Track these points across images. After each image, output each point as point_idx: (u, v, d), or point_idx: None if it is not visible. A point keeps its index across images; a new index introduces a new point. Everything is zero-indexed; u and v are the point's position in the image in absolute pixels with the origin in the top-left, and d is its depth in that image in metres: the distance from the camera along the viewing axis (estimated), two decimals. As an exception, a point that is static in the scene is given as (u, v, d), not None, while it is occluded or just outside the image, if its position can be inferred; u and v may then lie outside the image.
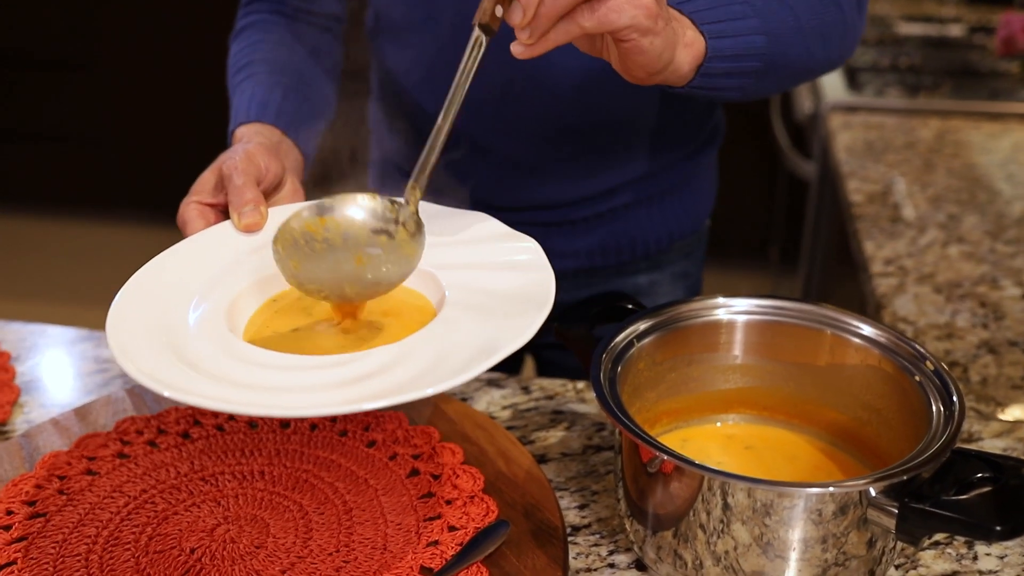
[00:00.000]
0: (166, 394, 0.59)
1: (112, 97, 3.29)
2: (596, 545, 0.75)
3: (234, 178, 0.80)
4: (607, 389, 0.70)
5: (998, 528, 0.58)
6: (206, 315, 0.70)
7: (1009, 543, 0.74)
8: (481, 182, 1.04)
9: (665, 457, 0.65)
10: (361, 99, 1.20)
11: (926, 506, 0.60)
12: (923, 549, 0.74)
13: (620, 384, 0.72)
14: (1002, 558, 0.73)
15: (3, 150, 3.46)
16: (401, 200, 0.73)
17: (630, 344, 0.76)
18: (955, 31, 2.22)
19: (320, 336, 0.72)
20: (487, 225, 0.78)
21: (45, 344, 1.03)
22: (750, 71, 0.84)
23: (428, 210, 0.79)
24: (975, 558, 0.73)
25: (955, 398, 0.68)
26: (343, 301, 0.72)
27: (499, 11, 0.68)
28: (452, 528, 0.73)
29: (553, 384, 0.95)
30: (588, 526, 0.77)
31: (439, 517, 0.74)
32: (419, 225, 0.72)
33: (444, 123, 0.71)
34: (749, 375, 0.80)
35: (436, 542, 0.72)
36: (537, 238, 1.06)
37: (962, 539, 0.74)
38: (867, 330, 0.76)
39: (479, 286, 0.71)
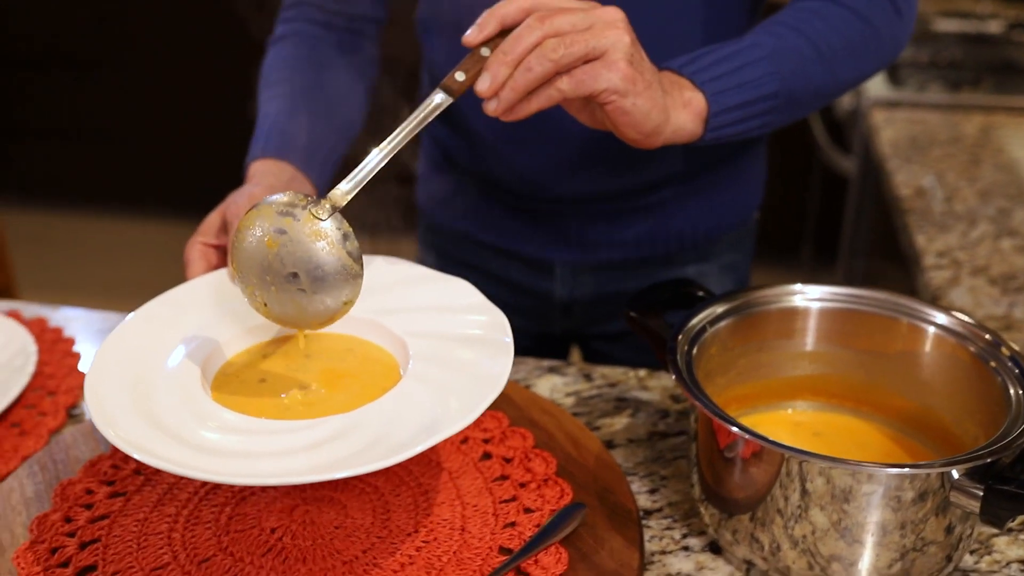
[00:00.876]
0: (136, 456, 0.62)
1: (133, 94, 3.32)
2: (669, 528, 0.75)
3: (235, 225, 0.83)
4: (685, 371, 0.71)
5: (1088, 509, 0.58)
6: (179, 370, 0.73)
7: (1082, 530, 0.74)
8: (524, 174, 1.05)
9: (746, 436, 0.65)
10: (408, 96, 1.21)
11: (1012, 487, 0.61)
12: (997, 535, 0.74)
13: (694, 368, 0.73)
14: (1076, 544, 0.73)
15: (25, 147, 3.49)
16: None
17: (703, 329, 0.76)
18: (993, 27, 2.22)
19: (280, 391, 0.73)
20: (464, 294, 0.79)
21: (108, 330, 1.05)
22: (768, 110, 0.85)
23: (411, 273, 0.82)
24: (1048, 544, 0.73)
25: (1035, 382, 0.68)
26: (278, 310, 0.73)
27: (459, 77, 0.72)
28: (528, 510, 0.74)
29: (614, 372, 0.96)
30: (659, 510, 0.77)
31: (514, 499, 0.75)
32: (331, 214, 0.71)
33: (377, 160, 0.72)
34: (819, 362, 0.81)
35: (513, 523, 0.73)
36: (582, 227, 1.10)
37: (1035, 525, 0.75)
38: (942, 318, 0.76)
39: (441, 358, 0.72)
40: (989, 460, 0.62)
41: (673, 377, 0.71)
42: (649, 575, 0.71)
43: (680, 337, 0.74)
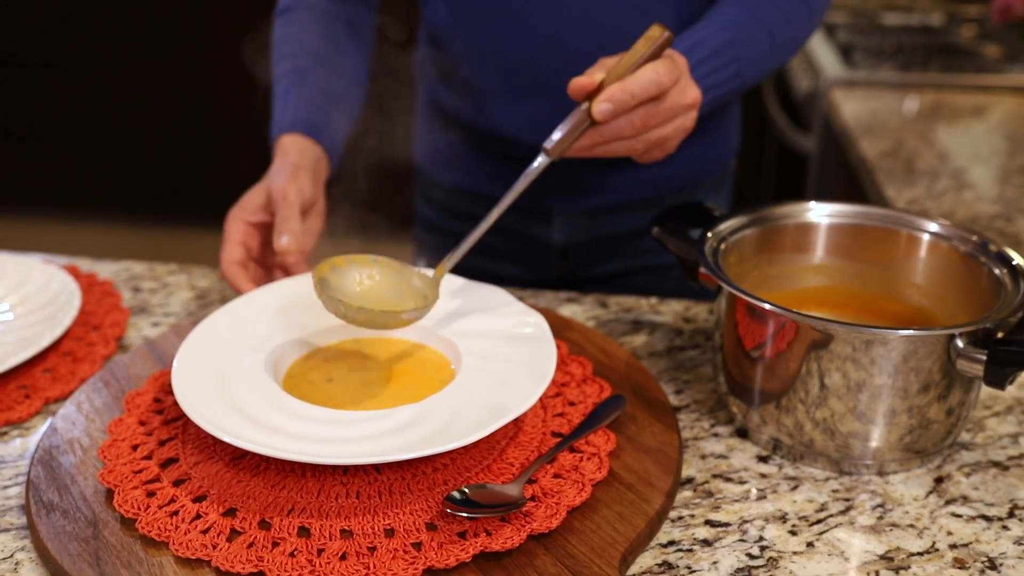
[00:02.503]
0: (224, 438, 0.70)
1: (102, 97, 3.33)
2: (698, 420, 0.83)
3: (282, 207, 0.93)
4: (713, 263, 0.79)
5: (1080, 360, 0.67)
6: (256, 365, 0.81)
7: (1062, 411, 0.83)
8: (525, 126, 1.12)
9: (774, 309, 0.73)
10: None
11: (1014, 347, 0.69)
12: (989, 417, 0.83)
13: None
14: (1058, 422, 0.82)
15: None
16: (430, 273, 0.85)
17: (724, 239, 0.84)
18: (935, 20, 2.35)
19: (351, 389, 0.81)
20: (501, 299, 0.89)
21: (141, 275, 1.09)
22: (728, 97, 1.00)
23: (452, 284, 0.91)
24: (1034, 423, 0.82)
25: (1022, 265, 0.77)
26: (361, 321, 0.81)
27: (556, 136, 0.83)
28: (572, 403, 0.81)
29: (627, 300, 1.03)
30: (687, 406, 0.85)
31: (559, 395, 0.82)
32: (436, 295, 0.84)
33: (487, 221, 0.85)
34: (824, 274, 0.89)
35: (561, 413, 0.79)
36: (579, 174, 1.19)
37: (1022, 408, 0.84)
38: (934, 226, 0.85)
39: (491, 355, 0.81)
40: (990, 325, 0.71)
41: (703, 270, 0.79)
42: (686, 455, 0.78)
43: (706, 243, 0.82)
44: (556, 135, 0.83)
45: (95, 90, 3.33)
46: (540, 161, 0.84)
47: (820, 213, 0.88)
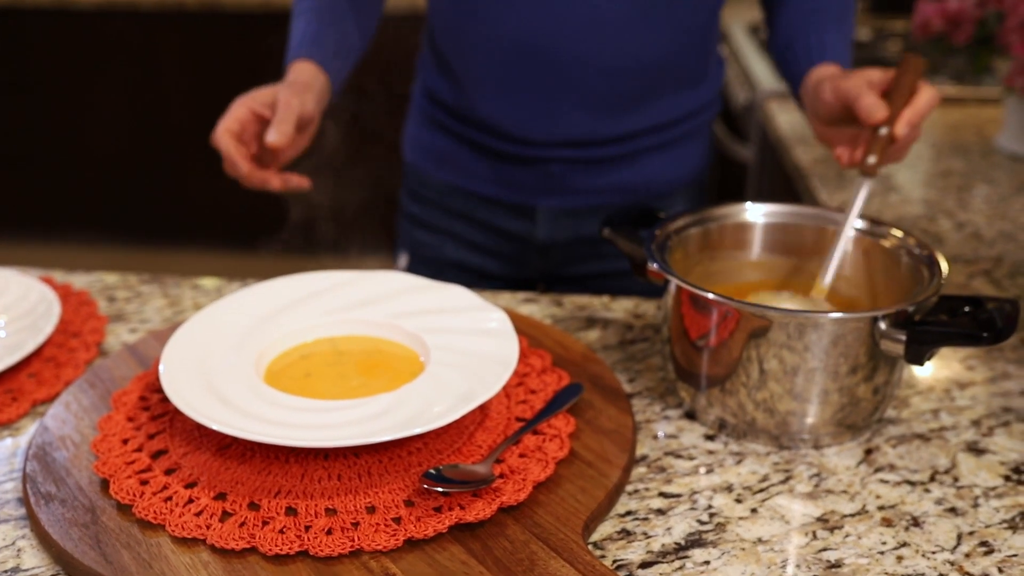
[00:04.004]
0: (213, 427, 0.75)
1: (64, 119, 3.34)
2: (650, 405, 0.90)
3: (281, 109, 1.01)
4: (660, 259, 0.86)
5: (985, 335, 0.75)
6: (239, 362, 0.86)
7: (974, 390, 0.91)
8: (516, 117, 1.19)
9: (714, 298, 0.80)
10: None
11: (930, 327, 0.77)
12: (913, 395, 0.91)
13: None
14: (973, 397, 0.90)
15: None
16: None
17: (669, 237, 0.91)
18: (864, 35, 2.47)
19: (328, 382, 0.87)
20: (465, 298, 0.95)
21: (114, 286, 1.14)
22: None
23: (415, 283, 0.98)
24: (952, 399, 0.90)
25: (938, 258, 0.85)
26: None
27: (872, 160, 0.93)
28: (533, 391, 0.87)
29: (581, 299, 1.10)
30: (639, 393, 0.92)
31: (521, 384, 0.88)
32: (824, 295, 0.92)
33: (843, 244, 0.91)
34: (760, 270, 0.97)
35: (524, 401, 0.86)
36: (564, 175, 1.26)
37: (941, 387, 0.92)
38: (860, 223, 0.93)
39: (459, 348, 0.88)
40: (911, 308, 0.79)
41: (651, 267, 0.85)
42: (639, 435, 0.85)
43: (654, 240, 0.89)
44: (871, 159, 0.93)
45: (60, 112, 3.33)
46: (866, 184, 0.93)
47: (756, 213, 0.95)
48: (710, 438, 0.85)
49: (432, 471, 0.73)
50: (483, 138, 1.23)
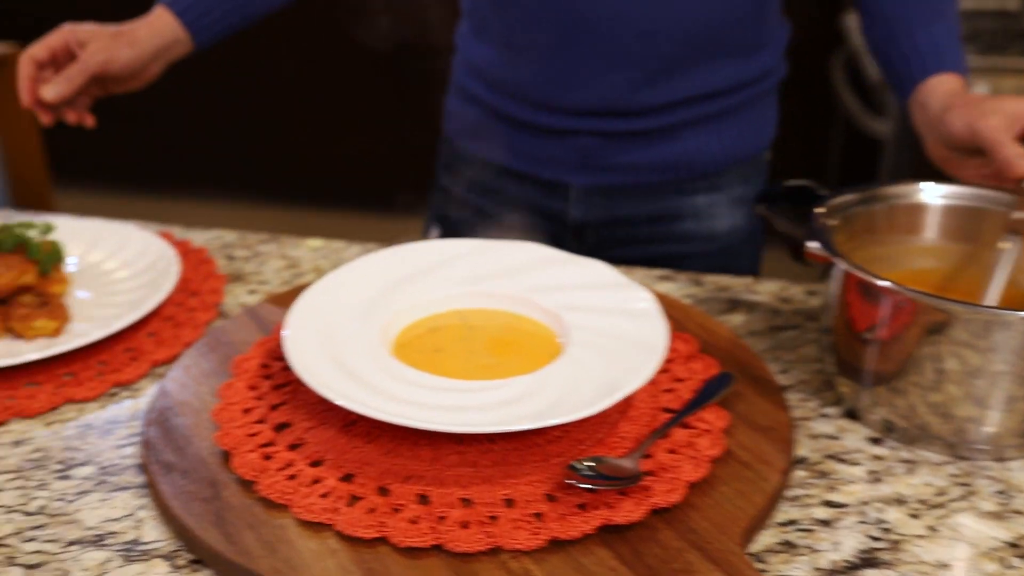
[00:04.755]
0: (340, 403, 0.70)
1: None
2: (804, 400, 0.82)
3: (75, 66, 1.03)
4: (824, 239, 0.77)
5: None
6: (366, 333, 0.81)
7: None
8: (551, 78, 1.11)
9: (892, 287, 0.72)
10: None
11: None
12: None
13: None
14: None
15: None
16: None
17: (831, 216, 0.83)
18: (1011, 4, 2.31)
19: (458, 359, 0.80)
20: (606, 274, 0.88)
21: (233, 244, 1.10)
22: None
23: (552, 256, 0.91)
24: None
25: None
26: None
27: (1018, 215, 0.83)
28: (679, 380, 0.80)
29: (721, 279, 1.02)
30: (792, 386, 0.84)
31: (666, 372, 0.81)
32: None
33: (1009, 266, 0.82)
34: (933, 256, 0.87)
35: (670, 390, 0.79)
36: (597, 150, 1.17)
37: None
38: (1052, 208, 0.83)
39: (600, 329, 0.80)
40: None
41: (817, 246, 0.77)
42: (796, 435, 0.77)
43: (816, 221, 0.81)
44: (1017, 215, 0.83)
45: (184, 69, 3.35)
46: (1013, 244, 0.83)
47: (933, 193, 0.86)
48: (875, 441, 0.77)
49: (576, 464, 0.66)
50: (516, 108, 1.17)
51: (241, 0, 1.13)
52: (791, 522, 0.68)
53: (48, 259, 0.93)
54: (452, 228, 1.29)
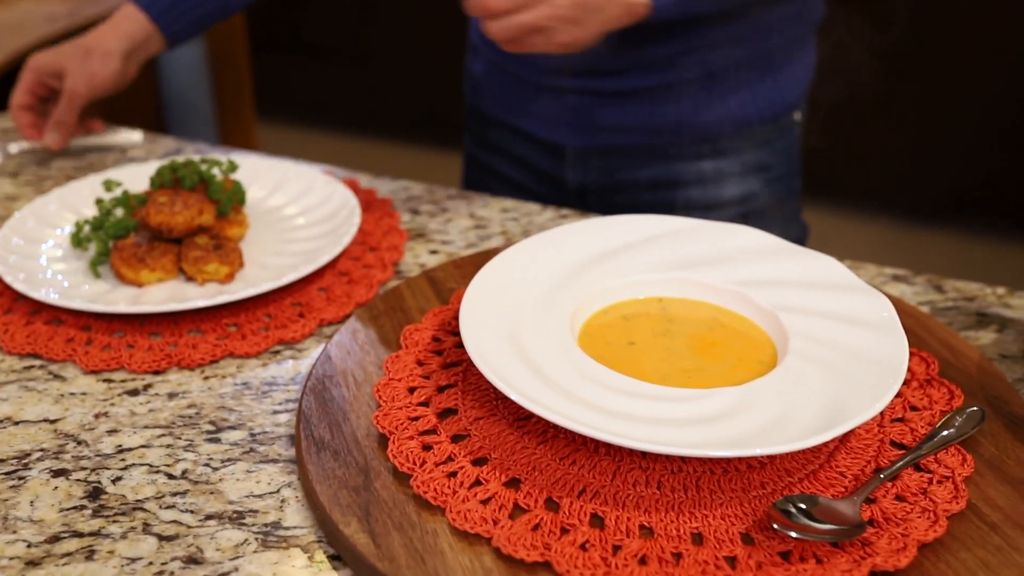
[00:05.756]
0: (515, 398, 0.60)
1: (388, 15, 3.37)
2: (1069, 449, 0.67)
3: (62, 105, 1.07)
4: None
5: None
6: (551, 316, 0.71)
7: None
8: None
9: None
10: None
11: None
12: None
13: None
14: None
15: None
16: None
17: None
18: None
19: (656, 358, 0.69)
20: (838, 272, 0.74)
21: (419, 197, 1.03)
22: None
23: (772, 245, 0.78)
24: None
25: None
26: None
27: None
28: (914, 408, 0.67)
29: (969, 287, 0.87)
30: (1054, 429, 0.69)
31: (898, 396, 0.68)
32: None
33: None
34: None
35: (901, 419, 0.66)
36: (590, 110, 1.09)
37: None
38: None
39: (825, 338, 0.67)
40: None
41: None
42: (1059, 493, 0.63)
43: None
44: None
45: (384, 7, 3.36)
46: None
47: None
48: None
49: (788, 505, 0.55)
50: (511, 63, 1.13)
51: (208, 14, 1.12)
52: (1049, 608, 0.55)
53: (228, 200, 0.88)
54: (472, 186, 1.28)
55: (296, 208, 0.95)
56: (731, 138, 1.10)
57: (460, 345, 0.73)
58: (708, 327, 0.72)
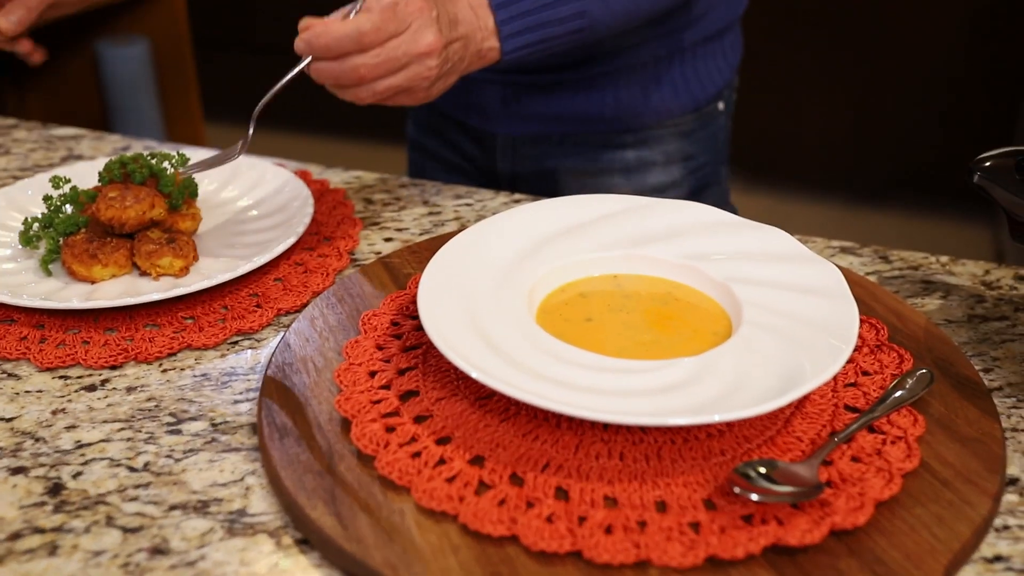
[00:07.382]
0: (475, 375, 0.61)
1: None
2: (1015, 407, 0.69)
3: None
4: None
5: None
6: (508, 296, 0.71)
7: None
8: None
9: None
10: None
11: None
12: None
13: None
14: None
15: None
16: None
17: (1072, 193, 0.69)
18: None
19: (612, 332, 0.70)
20: (786, 244, 0.76)
21: (372, 186, 1.03)
22: (570, 40, 0.92)
23: (721, 220, 0.79)
24: None
25: None
26: None
27: None
28: (865, 373, 0.69)
29: (914, 256, 0.89)
30: (1000, 389, 0.71)
31: (850, 362, 0.70)
32: None
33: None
34: None
35: (854, 383, 0.68)
36: (517, 100, 1.11)
37: None
38: None
39: (778, 308, 0.69)
40: None
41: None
42: (1007, 449, 0.65)
43: (1053, 196, 0.67)
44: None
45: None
46: None
47: None
48: (1106, 465, 0.64)
49: (745, 468, 0.56)
50: None
51: None
52: (999, 558, 0.56)
53: (179, 193, 0.88)
54: (415, 170, 1.29)
55: (249, 200, 0.95)
56: (653, 128, 1.12)
57: (419, 328, 0.74)
58: (663, 301, 0.73)
